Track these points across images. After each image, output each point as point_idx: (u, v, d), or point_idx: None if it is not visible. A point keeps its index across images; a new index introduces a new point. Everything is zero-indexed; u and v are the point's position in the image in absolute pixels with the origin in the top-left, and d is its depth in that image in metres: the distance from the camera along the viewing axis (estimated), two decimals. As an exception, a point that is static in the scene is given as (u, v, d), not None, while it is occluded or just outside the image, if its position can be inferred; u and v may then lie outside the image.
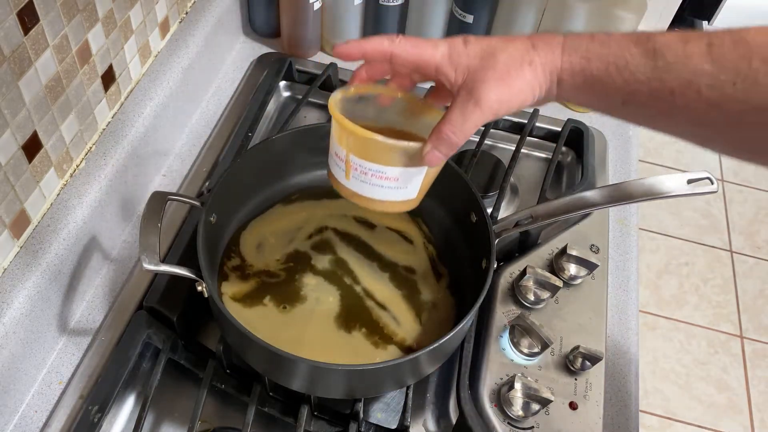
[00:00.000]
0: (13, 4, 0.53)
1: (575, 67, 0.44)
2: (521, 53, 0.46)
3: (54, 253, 0.63)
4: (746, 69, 0.37)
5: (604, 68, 0.43)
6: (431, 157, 0.48)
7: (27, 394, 0.63)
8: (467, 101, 0.46)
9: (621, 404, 0.68)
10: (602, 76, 0.43)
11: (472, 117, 0.46)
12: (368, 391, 0.61)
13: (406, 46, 0.48)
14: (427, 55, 0.48)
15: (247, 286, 0.65)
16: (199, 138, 0.87)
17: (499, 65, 0.46)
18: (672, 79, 0.40)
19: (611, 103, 0.45)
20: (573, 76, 0.44)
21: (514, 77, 0.46)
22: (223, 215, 0.65)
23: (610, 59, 0.42)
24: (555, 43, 0.45)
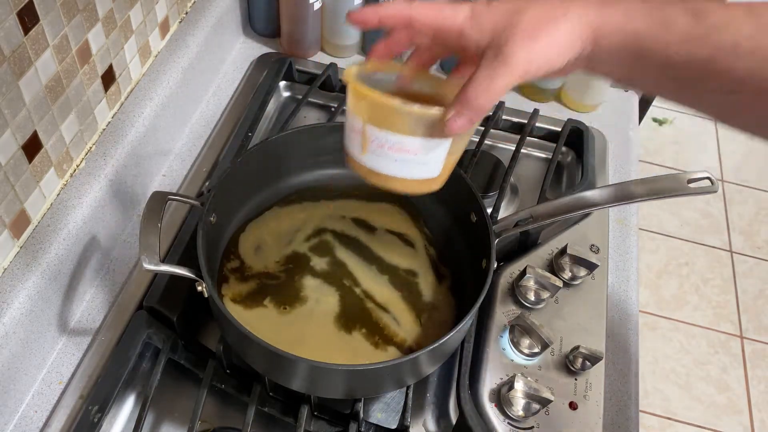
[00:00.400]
0: (13, 4, 0.53)
1: (614, 24, 0.41)
2: (554, 6, 0.42)
3: (54, 253, 0.63)
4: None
5: (645, 26, 0.40)
6: (453, 123, 0.43)
7: (27, 394, 0.63)
8: (493, 60, 0.42)
9: (621, 404, 0.68)
10: (643, 35, 0.40)
11: (499, 77, 0.42)
12: (368, 391, 0.61)
13: (425, 9, 0.44)
14: (448, 18, 0.44)
15: (246, 288, 0.65)
16: (199, 138, 0.87)
17: (528, 21, 0.42)
18: (712, 42, 0.38)
19: (645, 68, 0.42)
20: (611, 34, 0.41)
21: (546, 32, 0.41)
22: (223, 215, 0.65)
23: (653, 16, 0.39)
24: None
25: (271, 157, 0.69)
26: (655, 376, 1.76)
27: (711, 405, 1.72)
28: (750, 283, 1.98)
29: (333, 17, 0.94)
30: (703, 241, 2.07)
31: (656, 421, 1.68)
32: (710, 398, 1.73)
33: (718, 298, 1.94)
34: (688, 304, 1.91)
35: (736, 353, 1.82)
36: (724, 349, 1.83)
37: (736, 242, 2.08)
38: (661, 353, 1.80)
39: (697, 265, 2.01)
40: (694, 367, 1.79)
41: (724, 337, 1.86)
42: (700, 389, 1.74)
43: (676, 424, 1.68)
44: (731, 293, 1.95)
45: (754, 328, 1.88)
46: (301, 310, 0.64)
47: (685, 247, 2.05)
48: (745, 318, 1.90)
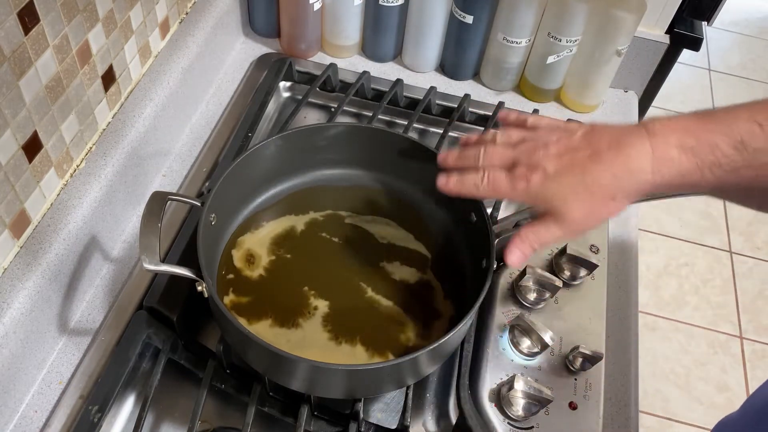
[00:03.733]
0: (13, 4, 0.53)
1: (667, 174, 0.47)
2: (605, 187, 0.48)
3: (54, 253, 0.63)
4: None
5: (694, 167, 0.46)
6: (508, 255, 0.53)
7: (27, 394, 0.63)
8: (551, 217, 0.51)
9: (621, 404, 0.68)
10: (693, 175, 0.47)
11: (551, 231, 0.51)
12: (368, 391, 0.61)
13: (488, 191, 0.53)
14: (507, 196, 0.53)
15: (245, 299, 0.65)
16: (199, 138, 0.87)
17: (585, 191, 0.49)
18: (757, 165, 0.45)
19: (697, 190, 0.50)
20: (666, 181, 0.47)
21: (600, 202, 0.49)
22: (223, 215, 0.65)
23: (702, 156, 0.46)
24: (642, 166, 0.47)
25: (271, 158, 0.68)
26: (654, 376, 1.76)
27: (711, 405, 1.72)
28: (750, 283, 1.98)
29: (333, 17, 0.94)
30: (703, 241, 2.08)
31: (656, 422, 1.68)
32: (710, 399, 1.73)
33: (717, 298, 1.94)
34: (688, 305, 1.91)
35: (735, 354, 1.83)
36: (724, 349, 1.83)
37: (735, 243, 2.08)
38: (661, 353, 1.80)
39: (696, 266, 2.01)
40: (694, 368, 1.79)
41: (723, 337, 1.86)
42: (700, 389, 1.74)
43: (676, 425, 1.68)
44: (731, 294, 1.95)
45: (754, 328, 1.88)
46: (300, 319, 0.63)
47: (684, 248, 2.05)
48: (744, 318, 1.90)
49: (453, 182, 0.55)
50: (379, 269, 0.68)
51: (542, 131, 0.54)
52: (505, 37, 0.90)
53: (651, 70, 0.99)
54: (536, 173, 0.50)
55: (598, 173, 0.48)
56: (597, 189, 0.49)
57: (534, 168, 0.50)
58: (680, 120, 0.48)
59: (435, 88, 0.89)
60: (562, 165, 0.50)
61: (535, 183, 0.50)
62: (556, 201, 0.50)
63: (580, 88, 0.95)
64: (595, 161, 0.49)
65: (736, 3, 2.93)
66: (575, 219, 0.50)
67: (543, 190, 0.50)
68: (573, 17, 0.86)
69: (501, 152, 0.54)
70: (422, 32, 0.94)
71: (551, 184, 0.50)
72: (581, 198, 0.49)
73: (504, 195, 0.53)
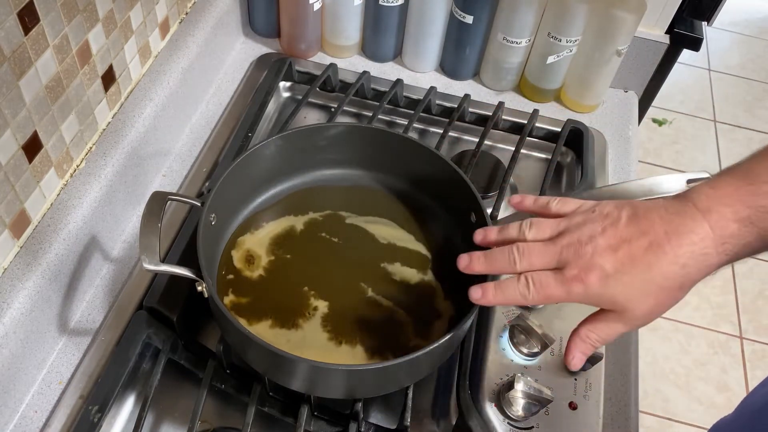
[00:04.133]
0: (13, 4, 0.53)
1: (737, 255, 0.45)
2: (673, 280, 0.45)
3: (54, 253, 0.63)
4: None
5: (756, 236, 0.44)
6: (577, 361, 0.50)
7: (27, 394, 0.63)
8: (611, 314, 0.48)
9: (621, 404, 0.68)
10: (755, 241, 0.44)
11: (614, 329, 0.48)
12: (368, 391, 0.61)
13: (538, 299, 0.48)
14: (560, 300, 0.48)
15: (244, 300, 0.64)
16: (199, 138, 0.87)
17: (650, 285, 0.45)
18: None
19: (755, 254, 0.46)
20: (726, 256, 0.45)
21: (664, 303, 0.46)
22: (223, 215, 0.65)
23: (760, 225, 0.44)
24: (707, 254, 0.45)
25: (271, 158, 0.68)
26: (654, 376, 1.76)
27: (711, 405, 1.72)
28: (750, 283, 1.98)
29: (333, 17, 0.94)
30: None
31: (656, 422, 1.68)
32: (710, 399, 1.73)
33: (717, 298, 1.94)
34: (688, 305, 1.91)
35: (735, 354, 1.83)
36: (724, 349, 1.83)
37: (735, 243, 2.08)
38: (661, 354, 1.80)
39: (696, 266, 2.01)
40: (694, 368, 1.79)
41: (723, 337, 1.86)
42: (700, 390, 1.74)
43: (676, 425, 1.68)
44: (731, 294, 1.95)
45: (754, 328, 1.88)
46: (300, 320, 0.63)
47: (684, 248, 2.05)
48: (744, 319, 1.90)
49: (492, 294, 0.50)
50: (380, 270, 0.68)
51: (576, 218, 0.49)
52: (505, 37, 0.90)
53: (651, 70, 0.99)
54: (592, 274, 0.46)
55: (666, 267, 0.45)
56: (666, 283, 0.45)
57: (589, 268, 0.46)
58: (723, 187, 0.45)
59: (435, 88, 0.89)
60: (620, 261, 0.45)
61: (594, 285, 0.46)
62: (621, 301, 0.46)
63: (580, 88, 0.95)
64: (657, 254, 0.45)
65: (736, 3, 2.93)
66: (643, 314, 0.47)
67: (605, 291, 0.46)
68: (573, 17, 0.86)
69: (539, 251, 0.48)
70: (422, 32, 0.94)
71: (612, 284, 0.45)
72: (649, 294, 0.46)
73: (556, 300, 0.48)
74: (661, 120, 2.43)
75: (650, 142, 2.34)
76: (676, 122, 2.44)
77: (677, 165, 2.28)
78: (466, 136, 0.92)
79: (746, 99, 2.58)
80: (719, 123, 2.46)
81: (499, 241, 0.53)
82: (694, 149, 2.36)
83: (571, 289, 0.46)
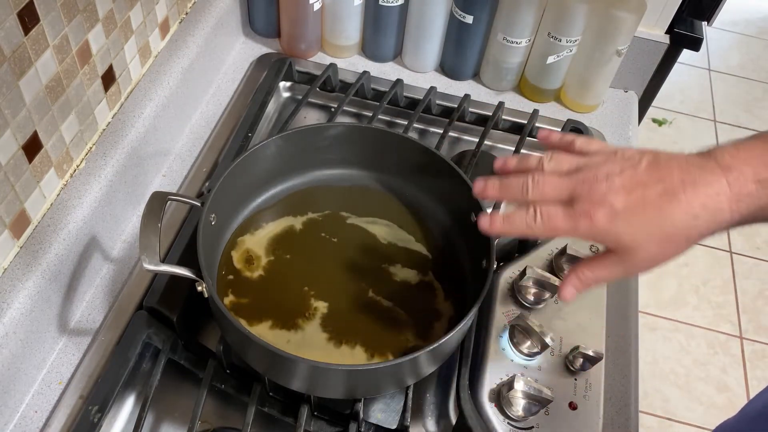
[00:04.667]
0: (13, 4, 0.53)
1: (745, 208, 0.44)
2: (688, 222, 0.44)
3: (54, 253, 0.63)
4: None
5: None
6: (566, 292, 0.49)
7: (27, 394, 0.63)
8: (612, 255, 0.47)
9: (621, 404, 0.68)
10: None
11: (611, 271, 0.48)
12: (368, 391, 0.61)
13: (543, 231, 0.47)
14: (566, 234, 0.47)
15: (244, 300, 0.64)
16: (199, 138, 0.87)
17: (658, 230, 0.45)
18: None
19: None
20: (740, 213, 0.45)
21: (668, 250, 0.46)
22: (223, 215, 0.65)
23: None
24: (720, 203, 0.44)
25: (272, 158, 0.68)
26: (654, 376, 1.76)
27: (711, 405, 1.72)
28: (749, 283, 1.98)
29: (333, 17, 0.94)
30: (703, 241, 2.07)
31: (656, 422, 1.68)
32: (710, 399, 1.73)
33: (717, 298, 1.94)
34: (688, 305, 1.91)
35: (735, 354, 1.82)
36: (724, 349, 1.83)
37: (735, 243, 2.08)
38: (661, 354, 1.80)
39: (696, 266, 2.01)
40: (694, 368, 1.79)
41: (723, 337, 1.86)
42: (700, 390, 1.74)
43: (676, 425, 1.68)
44: (731, 294, 1.95)
45: (754, 328, 1.88)
46: (300, 320, 0.63)
47: (684, 248, 2.05)
48: (744, 318, 1.90)
49: (499, 223, 0.49)
50: (380, 270, 0.68)
51: (597, 157, 0.48)
52: (505, 37, 0.90)
53: (651, 70, 0.99)
54: (601, 210, 0.45)
55: (677, 215, 0.44)
56: (674, 231, 0.45)
57: (598, 203, 0.45)
58: (749, 148, 0.45)
59: (435, 88, 0.89)
60: (631, 202, 0.45)
61: (601, 221, 0.45)
62: (625, 241, 0.46)
63: (580, 88, 0.95)
64: (671, 201, 0.44)
65: (736, 3, 2.93)
66: (644, 260, 0.46)
67: (611, 228, 0.45)
68: (573, 17, 0.86)
69: (554, 183, 0.47)
70: (422, 32, 0.94)
71: (620, 223, 0.45)
72: (655, 239, 0.45)
73: (562, 234, 0.47)
74: (661, 120, 2.43)
75: (650, 142, 2.34)
76: (676, 122, 2.44)
77: (677, 165, 2.28)
78: (466, 136, 0.92)
79: (746, 99, 2.58)
80: (719, 123, 2.46)
81: (517, 168, 0.51)
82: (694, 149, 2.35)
83: (578, 223, 0.46)
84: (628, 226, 0.45)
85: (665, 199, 0.44)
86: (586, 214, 0.45)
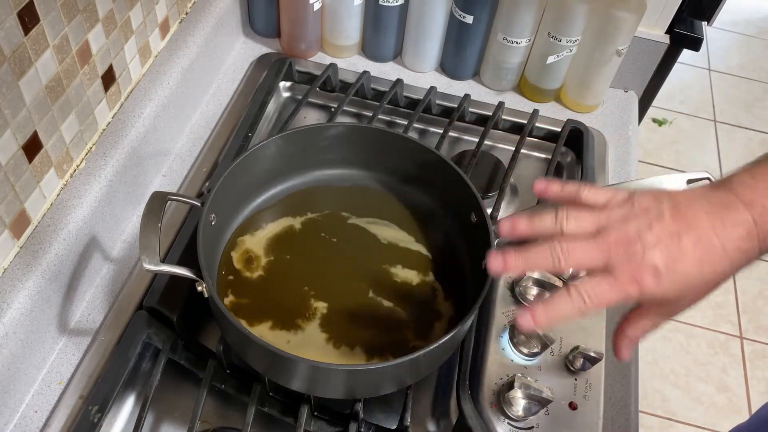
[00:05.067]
0: (13, 4, 0.53)
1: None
2: (726, 268, 0.45)
3: (54, 253, 0.63)
4: None
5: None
6: (625, 352, 0.50)
7: (27, 394, 0.63)
8: (653, 308, 0.48)
9: (621, 404, 0.68)
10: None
11: (654, 323, 0.49)
12: (368, 391, 0.61)
13: (594, 308, 0.45)
14: (614, 304, 0.45)
15: (244, 300, 0.64)
16: (199, 138, 0.87)
17: (701, 282, 0.45)
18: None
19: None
20: (766, 246, 0.45)
21: (712, 286, 0.46)
22: (223, 216, 0.65)
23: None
24: (746, 235, 0.44)
25: (271, 158, 0.68)
26: (654, 376, 1.76)
27: (711, 406, 1.72)
28: (750, 283, 1.98)
29: (333, 17, 0.94)
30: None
31: (656, 422, 1.68)
32: (710, 399, 1.73)
33: (717, 298, 1.94)
34: (688, 305, 1.91)
35: (735, 354, 1.82)
36: (724, 349, 1.83)
37: (735, 243, 2.08)
38: (661, 354, 1.80)
39: (696, 266, 2.01)
40: (694, 368, 1.79)
41: (723, 337, 1.86)
42: (700, 390, 1.74)
43: (676, 425, 1.68)
44: (731, 294, 1.95)
45: (754, 328, 1.88)
46: (300, 321, 0.63)
47: (684, 248, 2.05)
48: (744, 318, 1.90)
49: (541, 313, 0.45)
50: (381, 270, 0.67)
51: (616, 213, 0.46)
52: (505, 37, 0.90)
53: (651, 70, 0.99)
54: (647, 274, 0.43)
55: (717, 263, 0.44)
56: (714, 278, 0.44)
57: (642, 268, 0.43)
58: (764, 178, 0.44)
59: (435, 88, 0.89)
60: (671, 258, 0.43)
61: (650, 285, 0.43)
62: (671, 297, 0.45)
63: (580, 88, 0.95)
64: (708, 250, 0.43)
65: (736, 3, 2.93)
66: (684, 307, 0.46)
67: (658, 289, 0.44)
68: (573, 17, 0.86)
69: (586, 250, 0.45)
70: (422, 32, 0.94)
71: (665, 281, 0.43)
72: (697, 289, 0.45)
73: (610, 305, 0.45)
74: (661, 120, 2.43)
75: (650, 142, 2.34)
76: (676, 122, 2.44)
77: (677, 165, 2.28)
78: (466, 136, 0.92)
79: (746, 99, 2.58)
80: (719, 123, 2.46)
81: (530, 233, 0.47)
82: (694, 149, 2.36)
83: (627, 292, 0.44)
84: (672, 283, 0.44)
85: (702, 249, 0.43)
86: (633, 281, 0.43)
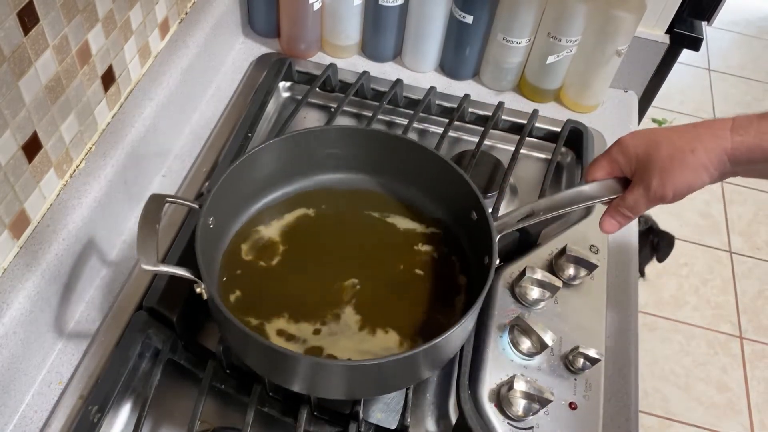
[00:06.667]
0: (13, 4, 0.53)
1: (748, 145, 0.52)
2: (684, 142, 0.54)
3: (54, 253, 0.63)
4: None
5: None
6: (607, 224, 0.61)
7: (27, 394, 0.63)
8: (638, 188, 0.57)
9: (621, 404, 0.68)
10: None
11: (641, 202, 0.58)
12: (368, 392, 0.61)
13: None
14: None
15: (253, 298, 0.64)
16: (199, 138, 0.87)
17: (662, 156, 0.54)
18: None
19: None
20: (748, 152, 0.52)
21: (677, 166, 0.54)
22: (222, 219, 0.65)
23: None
24: (721, 128, 0.53)
25: (271, 161, 0.68)
26: (654, 376, 1.76)
27: (710, 406, 1.72)
28: (749, 283, 1.98)
29: (333, 17, 0.94)
30: (703, 241, 2.07)
31: (656, 422, 1.68)
32: (710, 399, 1.73)
33: (717, 298, 1.94)
34: (688, 305, 1.91)
35: (735, 354, 1.82)
36: (724, 349, 1.83)
37: (735, 243, 2.08)
38: (661, 354, 1.80)
39: (696, 266, 2.01)
40: (694, 368, 1.79)
41: (723, 337, 1.86)
42: (700, 390, 1.74)
43: (676, 425, 1.68)
44: (731, 294, 1.95)
45: (754, 328, 1.88)
46: (329, 313, 0.63)
47: (684, 248, 2.05)
48: (744, 319, 1.90)
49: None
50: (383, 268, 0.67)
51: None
52: (505, 37, 0.90)
53: (651, 70, 0.99)
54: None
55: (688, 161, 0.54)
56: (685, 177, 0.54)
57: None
58: (760, 120, 0.52)
59: (435, 88, 0.89)
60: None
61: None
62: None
63: (580, 88, 0.95)
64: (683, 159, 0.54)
65: (736, 3, 2.92)
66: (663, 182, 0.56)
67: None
68: (573, 17, 0.86)
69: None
70: (422, 32, 0.94)
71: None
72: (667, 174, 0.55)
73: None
74: (661, 120, 2.43)
75: (650, 142, 2.34)
76: (676, 122, 2.43)
77: (677, 165, 2.28)
78: (466, 136, 0.92)
79: (746, 99, 2.58)
80: (719, 123, 2.46)
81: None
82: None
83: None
84: (634, 147, 0.57)
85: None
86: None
